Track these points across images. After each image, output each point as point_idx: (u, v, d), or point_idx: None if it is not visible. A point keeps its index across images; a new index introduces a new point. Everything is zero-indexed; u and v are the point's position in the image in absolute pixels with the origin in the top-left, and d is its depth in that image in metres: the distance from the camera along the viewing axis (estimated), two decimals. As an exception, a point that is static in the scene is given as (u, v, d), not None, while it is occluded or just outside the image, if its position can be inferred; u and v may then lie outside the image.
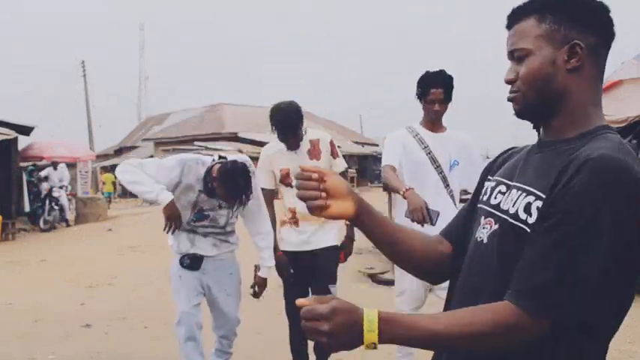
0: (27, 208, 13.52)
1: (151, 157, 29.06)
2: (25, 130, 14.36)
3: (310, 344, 3.59)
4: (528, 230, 1.08)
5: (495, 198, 1.20)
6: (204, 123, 31.65)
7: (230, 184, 2.99)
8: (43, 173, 14.10)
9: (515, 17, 1.20)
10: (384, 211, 9.92)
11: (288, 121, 3.39)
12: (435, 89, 3.13)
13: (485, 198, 1.24)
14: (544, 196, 1.07)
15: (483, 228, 1.20)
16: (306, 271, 3.51)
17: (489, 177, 1.29)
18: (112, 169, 31.55)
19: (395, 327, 1.03)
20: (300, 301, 1.05)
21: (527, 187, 1.12)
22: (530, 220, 1.08)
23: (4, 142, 12.41)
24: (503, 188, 1.20)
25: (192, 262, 3.26)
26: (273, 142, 3.59)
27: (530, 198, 1.10)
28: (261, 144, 26.28)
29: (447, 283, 3.16)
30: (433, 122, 3.22)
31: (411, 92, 3.23)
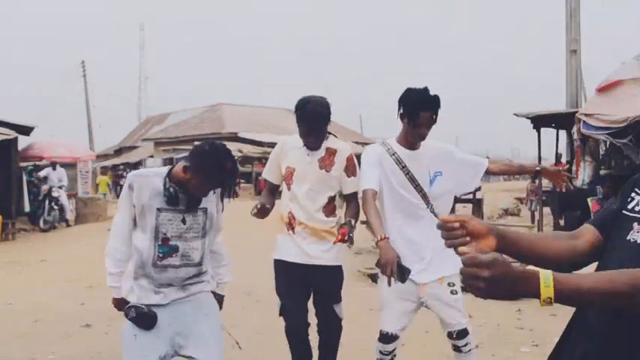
0: (27, 208, 13.51)
1: (151, 157, 29.11)
2: (25, 130, 14.36)
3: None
4: None
5: None
6: (204, 123, 31.65)
7: (210, 163, 2.38)
8: (42, 173, 14.08)
9: None
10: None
11: (316, 113, 3.10)
12: (424, 112, 2.90)
13: (638, 208, 1.40)
14: None
15: (637, 232, 1.35)
16: (303, 286, 3.26)
17: (636, 190, 1.43)
18: (112, 169, 31.59)
19: (566, 284, 1.15)
20: (462, 249, 1.24)
21: None
22: None
23: (4, 142, 12.40)
24: None
25: (142, 319, 2.53)
26: (294, 137, 3.30)
27: None
28: (261, 144, 26.31)
29: (437, 292, 2.98)
30: (414, 142, 3.02)
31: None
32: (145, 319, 2.51)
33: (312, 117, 3.10)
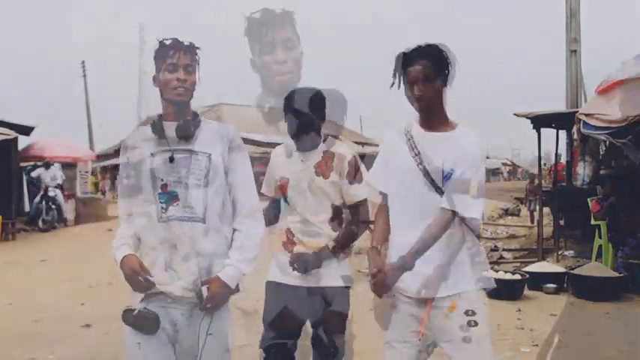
0: (27, 208, 13.53)
1: (151, 157, 29.12)
2: (25, 130, 14.36)
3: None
4: None
5: None
6: (204, 123, 31.65)
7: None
8: (33, 174, 14.02)
9: None
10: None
11: (304, 103, 2.67)
12: (412, 67, 2.24)
13: None
14: None
15: None
16: (298, 316, 2.78)
17: None
18: (113, 169, 31.56)
19: None
20: None
21: None
22: None
23: (4, 142, 12.41)
24: None
25: (142, 323, 2.21)
26: (285, 144, 2.90)
27: None
28: (261, 144, 26.25)
29: (450, 337, 2.28)
30: (426, 117, 2.30)
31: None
32: (145, 322, 2.20)
33: (301, 108, 2.67)
